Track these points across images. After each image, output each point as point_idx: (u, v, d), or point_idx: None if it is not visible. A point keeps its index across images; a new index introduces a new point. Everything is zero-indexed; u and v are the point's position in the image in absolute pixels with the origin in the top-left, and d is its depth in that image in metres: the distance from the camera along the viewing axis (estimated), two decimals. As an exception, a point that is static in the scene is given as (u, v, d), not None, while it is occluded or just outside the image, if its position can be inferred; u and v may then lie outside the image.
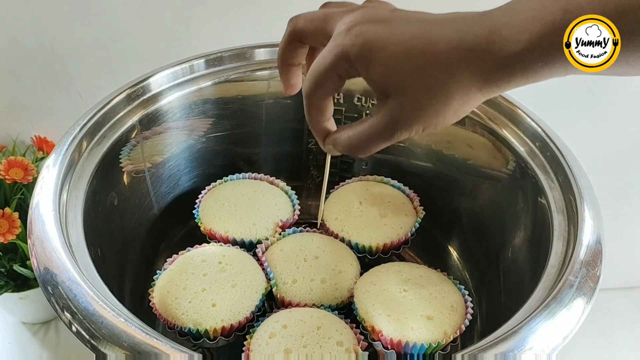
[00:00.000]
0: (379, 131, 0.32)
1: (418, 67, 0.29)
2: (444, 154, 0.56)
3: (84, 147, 0.45)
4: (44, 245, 0.36)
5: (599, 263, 0.38)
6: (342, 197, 0.55)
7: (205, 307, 0.43)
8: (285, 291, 0.46)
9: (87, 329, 0.32)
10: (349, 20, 0.31)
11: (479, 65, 0.28)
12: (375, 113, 0.32)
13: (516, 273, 0.48)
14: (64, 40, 0.64)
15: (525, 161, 0.48)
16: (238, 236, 0.50)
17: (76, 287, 0.34)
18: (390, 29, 0.30)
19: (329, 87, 0.33)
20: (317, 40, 0.35)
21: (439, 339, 0.41)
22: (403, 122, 0.31)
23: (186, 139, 0.56)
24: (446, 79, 0.29)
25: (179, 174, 0.57)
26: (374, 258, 0.51)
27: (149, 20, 0.64)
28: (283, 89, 0.39)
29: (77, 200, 0.42)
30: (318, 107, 0.34)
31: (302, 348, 0.40)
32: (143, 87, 0.50)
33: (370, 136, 0.32)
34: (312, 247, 0.49)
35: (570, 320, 0.34)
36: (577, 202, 0.42)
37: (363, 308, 0.44)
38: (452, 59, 0.28)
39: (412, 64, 0.29)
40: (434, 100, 0.30)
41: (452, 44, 0.28)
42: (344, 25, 0.31)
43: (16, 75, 0.67)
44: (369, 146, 0.33)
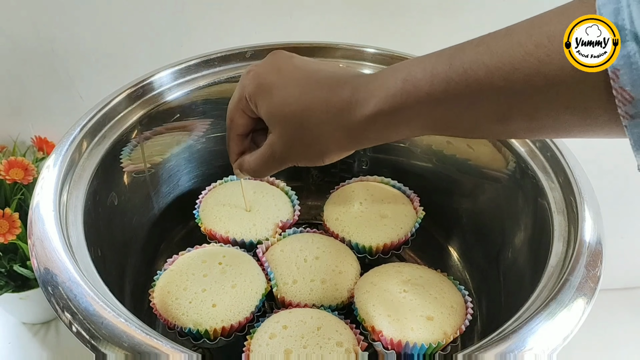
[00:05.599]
0: (265, 160, 0.38)
1: (292, 114, 0.34)
2: (444, 154, 0.56)
3: (84, 148, 0.45)
4: (44, 245, 0.36)
5: (599, 263, 0.38)
6: (342, 197, 0.55)
7: (205, 307, 0.43)
8: (285, 291, 0.46)
9: (87, 330, 0.32)
10: (253, 65, 0.37)
11: (340, 122, 0.32)
12: (264, 143, 0.37)
13: (516, 273, 0.48)
14: (64, 40, 0.64)
15: (525, 161, 0.48)
16: (238, 237, 0.50)
17: (76, 288, 0.34)
18: (279, 75, 0.35)
19: (239, 122, 0.39)
20: None
21: (439, 339, 0.41)
22: (279, 155, 0.37)
23: (186, 139, 0.56)
24: (313, 127, 0.33)
25: (179, 174, 0.57)
26: (374, 258, 0.51)
27: (149, 21, 0.64)
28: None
29: (78, 201, 0.42)
30: (235, 141, 0.40)
31: (302, 349, 0.40)
32: (143, 87, 0.50)
33: (261, 164, 0.38)
34: (313, 248, 0.49)
35: (571, 321, 0.34)
36: (577, 203, 0.42)
37: (363, 308, 0.44)
38: (318, 113, 0.33)
39: (288, 107, 0.34)
40: (303, 142, 0.35)
41: (320, 100, 0.33)
42: (248, 68, 0.37)
43: (16, 75, 0.67)
44: (263, 172, 0.39)
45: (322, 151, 0.35)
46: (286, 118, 0.34)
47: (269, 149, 0.37)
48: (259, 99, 0.35)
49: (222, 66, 0.54)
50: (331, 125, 0.33)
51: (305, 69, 0.36)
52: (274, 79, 0.35)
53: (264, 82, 0.35)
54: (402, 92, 0.30)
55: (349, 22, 0.65)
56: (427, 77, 0.29)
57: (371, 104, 0.31)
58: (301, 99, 0.34)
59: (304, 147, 0.35)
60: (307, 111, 0.33)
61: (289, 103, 0.34)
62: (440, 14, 0.65)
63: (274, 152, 0.37)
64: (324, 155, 0.35)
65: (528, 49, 0.25)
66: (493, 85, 0.26)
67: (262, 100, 0.35)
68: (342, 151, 0.35)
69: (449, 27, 0.65)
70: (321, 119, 0.33)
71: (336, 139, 0.33)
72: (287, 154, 0.36)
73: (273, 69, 0.36)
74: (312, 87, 0.34)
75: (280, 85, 0.35)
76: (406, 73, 0.30)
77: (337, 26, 0.65)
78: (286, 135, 0.35)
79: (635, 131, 0.23)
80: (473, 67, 0.27)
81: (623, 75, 0.22)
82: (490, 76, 0.26)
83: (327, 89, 0.33)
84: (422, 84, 0.29)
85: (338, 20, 0.65)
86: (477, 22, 0.64)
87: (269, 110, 0.35)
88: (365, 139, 0.33)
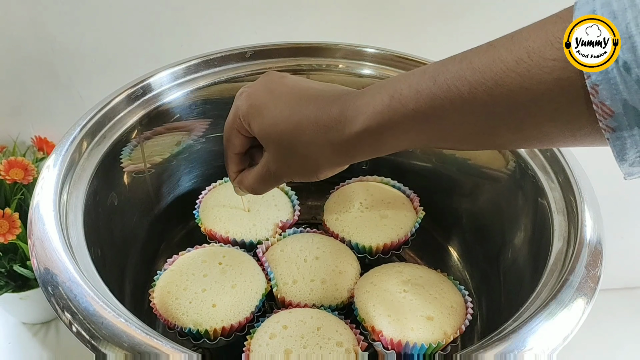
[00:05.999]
0: (262, 178, 0.39)
1: (282, 133, 0.35)
2: (444, 154, 0.56)
3: (84, 148, 0.45)
4: (44, 245, 0.36)
5: (599, 263, 0.38)
6: (342, 197, 0.55)
7: (205, 307, 0.43)
8: (285, 291, 0.46)
9: (87, 330, 0.32)
10: (246, 87, 0.38)
11: (329, 139, 0.33)
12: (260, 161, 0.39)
13: (516, 273, 0.48)
14: (64, 41, 0.64)
15: (525, 161, 0.48)
16: (238, 237, 0.50)
17: (76, 288, 0.34)
18: (270, 96, 0.36)
19: (234, 142, 0.39)
20: None
21: (439, 339, 0.41)
22: (274, 173, 0.38)
23: (186, 139, 0.56)
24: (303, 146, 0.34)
25: (179, 174, 0.57)
26: (374, 258, 0.51)
27: (149, 21, 0.64)
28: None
29: (78, 201, 0.42)
30: (232, 160, 0.41)
31: (302, 349, 0.40)
32: (143, 87, 0.50)
33: (258, 182, 0.39)
34: (312, 248, 0.49)
35: (571, 321, 0.34)
36: (578, 203, 0.42)
37: (363, 308, 0.44)
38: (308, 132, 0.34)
39: (279, 127, 0.35)
40: (295, 160, 0.36)
41: (310, 118, 0.34)
42: (242, 89, 0.38)
43: (16, 76, 0.67)
44: (262, 189, 0.40)
45: (315, 168, 0.35)
46: (278, 137, 0.35)
47: (264, 167, 0.38)
48: (251, 119, 0.36)
49: (222, 66, 0.54)
50: (321, 143, 0.33)
51: (295, 88, 0.36)
52: (265, 99, 0.36)
53: (256, 103, 0.36)
54: (389, 109, 0.30)
55: (349, 22, 0.65)
56: (413, 94, 0.29)
57: (359, 122, 0.31)
58: (291, 118, 0.34)
59: (298, 165, 0.36)
60: (297, 130, 0.34)
61: (279, 122, 0.35)
62: (440, 14, 0.65)
63: (269, 170, 0.38)
64: (318, 171, 0.36)
65: (509, 64, 0.25)
66: (476, 101, 0.27)
67: (254, 120, 0.36)
68: (334, 167, 0.36)
69: (449, 27, 0.65)
70: (311, 137, 0.34)
71: (327, 156, 0.34)
72: (282, 172, 0.37)
73: (265, 89, 0.37)
74: (302, 107, 0.34)
75: (271, 106, 0.35)
76: (392, 90, 0.30)
77: (337, 26, 0.65)
78: (279, 153, 0.36)
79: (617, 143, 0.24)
80: (456, 83, 0.27)
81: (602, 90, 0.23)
82: (473, 92, 0.27)
83: (316, 108, 0.34)
84: (407, 101, 0.29)
85: (338, 20, 0.65)
86: (476, 22, 0.64)
87: (261, 130, 0.36)
88: (356, 154, 0.34)
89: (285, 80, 0.37)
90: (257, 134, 0.36)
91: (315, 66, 0.56)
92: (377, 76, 0.56)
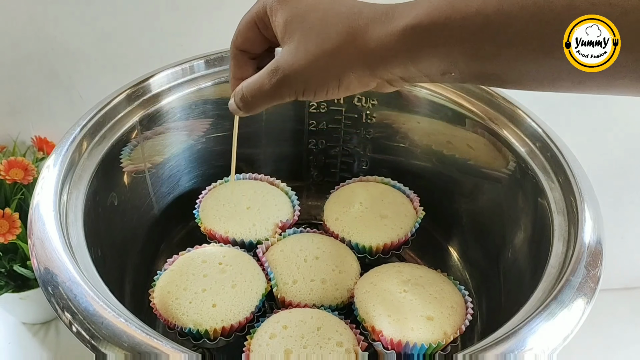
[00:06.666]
0: (264, 79, 0.32)
1: (319, 19, 0.30)
2: (444, 154, 0.56)
3: (84, 148, 0.45)
4: (44, 245, 0.36)
5: (599, 263, 0.38)
6: (342, 197, 0.55)
7: (205, 307, 0.43)
8: (285, 291, 0.46)
9: (87, 330, 0.32)
10: None
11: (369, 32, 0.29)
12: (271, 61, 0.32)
13: (516, 273, 0.48)
14: (64, 40, 0.64)
15: (525, 161, 0.48)
16: (238, 237, 0.50)
17: (76, 288, 0.34)
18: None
19: (248, 37, 0.35)
20: None
21: (439, 339, 0.41)
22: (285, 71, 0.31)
23: (186, 140, 0.56)
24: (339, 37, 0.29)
25: (179, 174, 0.57)
26: (374, 258, 0.51)
27: (149, 21, 0.64)
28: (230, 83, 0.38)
29: (78, 201, 0.42)
30: (238, 60, 0.36)
31: (302, 349, 0.40)
32: (143, 87, 0.50)
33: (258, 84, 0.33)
34: (313, 248, 0.49)
35: (571, 321, 0.34)
36: (578, 203, 0.42)
37: (363, 308, 0.44)
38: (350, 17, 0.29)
39: (315, 15, 0.30)
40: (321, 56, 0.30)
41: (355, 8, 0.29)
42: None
43: (16, 75, 0.67)
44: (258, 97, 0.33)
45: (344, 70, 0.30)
46: (310, 24, 0.30)
47: (273, 63, 0.32)
48: (281, 6, 0.31)
49: (222, 66, 0.54)
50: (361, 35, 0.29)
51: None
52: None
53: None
54: (448, 6, 0.26)
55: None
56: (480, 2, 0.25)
57: (411, 15, 0.27)
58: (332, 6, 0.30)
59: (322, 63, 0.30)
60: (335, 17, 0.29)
61: (317, 9, 0.30)
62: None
63: (278, 67, 0.31)
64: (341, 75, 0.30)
65: None
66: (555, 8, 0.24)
67: (285, 7, 0.31)
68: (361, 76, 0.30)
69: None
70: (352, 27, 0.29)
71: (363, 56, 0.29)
72: (296, 71, 0.31)
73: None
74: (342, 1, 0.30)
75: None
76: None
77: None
78: (303, 43, 0.30)
79: None
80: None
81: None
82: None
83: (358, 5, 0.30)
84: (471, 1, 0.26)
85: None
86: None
87: (290, 15, 0.31)
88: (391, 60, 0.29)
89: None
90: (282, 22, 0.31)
91: (315, 66, 0.56)
92: (377, 76, 0.56)
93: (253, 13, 0.34)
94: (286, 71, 0.31)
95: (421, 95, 0.54)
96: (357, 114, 0.57)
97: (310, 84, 0.31)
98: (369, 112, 0.57)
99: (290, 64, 0.31)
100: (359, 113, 0.57)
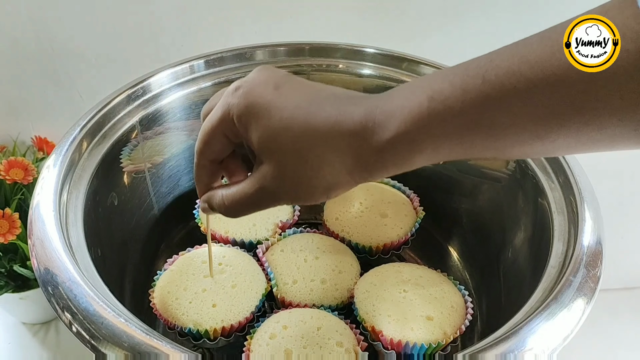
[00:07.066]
0: (249, 197, 0.31)
1: (294, 137, 0.29)
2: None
3: (84, 148, 0.45)
4: (44, 245, 0.36)
5: (599, 263, 0.38)
6: (342, 197, 0.55)
7: (205, 307, 0.43)
8: (285, 292, 0.46)
9: (87, 330, 0.32)
10: (241, 80, 0.31)
11: (352, 150, 0.28)
12: (249, 177, 0.32)
13: (516, 273, 0.48)
14: (64, 40, 0.64)
15: (525, 161, 0.48)
16: (238, 237, 0.50)
17: (76, 288, 0.34)
18: (277, 94, 0.29)
19: (216, 147, 0.33)
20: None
21: (439, 339, 0.41)
22: (271, 192, 0.31)
23: (186, 139, 0.56)
24: (319, 154, 0.29)
25: (179, 174, 0.57)
26: (374, 258, 0.51)
27: (149, 21, 0.64)
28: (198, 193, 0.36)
29: (78, 201, 0.42)
30: (206, 169, 0.34)
31: (302, 349, 0.40)
32: (143, 87, 0.50)
33: (243, 201, 0.32)
34: (312, 248, 0.49)
35: (571, 321, 0.34)
36: (578, 203, 0.42)
37: (363, 308, 0.44)
38: (327, 137, 0.28)
39: (289, 132, 0.29)
40: (304, 175, 0.29)
41: (330, 120, 0.28)
42: (234, 85, 0.31)
43: (16, 75, 0.67)
44: (244, 211, 0.32)
45: (329, 185, 0.29)
46: (287, 146, 0.29)
47: (257, 183, 0.31)
48: (252, 121, 0.29)
49: (222, 66, 0.54)
50: (342, 153, 0.28)
51: (305, 86, 0.31)
52: (270, 97, 0.29)
53: (259, 102, 0.29)
54: (430, 112, 0.26)
55: (349, 22, 0.65)
56: (458, 93, 0.26)
57: (392, 127, 0.27)
58: (306, 122, 0.28)
59: (306, 182, 0.29)
60: (313, 137, 0.28)
61: (290, 127, 0.29)
62: (441, 14, 0.65)
63: (263, 188, 0.31)
64: (331, 189, 0.30)
65: None
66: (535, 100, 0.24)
67: (256, 122, 0.29)
68: (352, 183, 0.30)
69: (449, 27, 0.65)
70: (331, 146, 0.28)
71: (346, 170, 0.29)
72: (282, 190, 0.30)
73: (268, 85, 0.30)
74: (318, 109, 0.29)
75: (280, 106, 0.29)
76: (431, 90, 0.27)
77: (337, 26, 0.65)
78: (284, 166, 0.29)
79: None
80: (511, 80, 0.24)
81: None
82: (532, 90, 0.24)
83: (336, 110, 0.28)
84: (452, 102, 0.26)
85: (338, 20, 0.65)
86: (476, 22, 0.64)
87: (264, 135, 0.29)
88: (382, 167, 0.29)
89: (292, 78, 0.31)
90: (257, 140, 0.30)
91: (315, 66, 0.56)
92: (377, 76, 0.56)
93: (218, 122, 0.31)
94: (270, 193, 0.31)
95: (421, 95, 0.54)
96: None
97: (298, 199, 0.31)
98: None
99: (275, 187, 0.30)
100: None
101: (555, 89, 0.23)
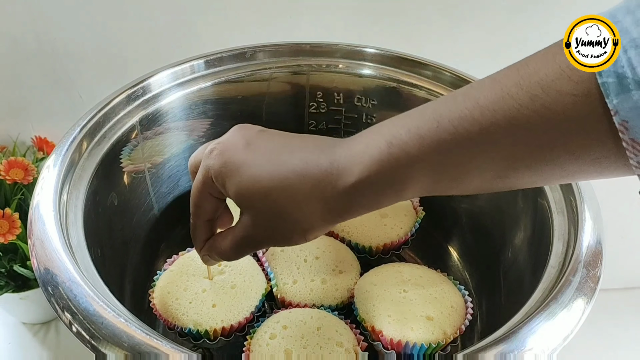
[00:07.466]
0: (239, 245, 0.34)
1: (265, 191, 0.30)
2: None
3: (84, 148, 0.45)
4: (44, 245, 0.36)
5: (599, 263, 0.38)
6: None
7: (205, 307, 0.43)
8: (285, 292, 0.46)
9: (87, 330, 0.32)
10: (216, 142, 0.33)
11: (320, 195, 0.29)
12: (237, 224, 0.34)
13: (516, 273, 0.48)
14: (64, 41, 0.64)
15: (525, 161, 0.47)
16: (238, 236, 0.50)
17: (76, 288, 0.34)
18: (248, 151, 0.32)
19: (207, 207, 0.35)
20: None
21: (439, 339, 0.41)
22: (255, 240, 0.33)
23: (186, 140, 0.56)
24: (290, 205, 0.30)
25: (179, 174, 0.57)
26: (374, 258, 0.51)
27: (149, 21, 0.64)
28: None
29: (78, 201, 0.42)
30: (201, 228, 0.36)
31: (302, 349, 0.40)
32: (143, 87, 0.50)
33: (234, 249, 0.34)
34: (312, 248, 0.49)
35: (571, 321, 0.34)
36: (577, 203, 0.42)
37: (363, 308, 0.44)
38: (294, 186, 0.30)
39: (258, 186, 0.30)
40: (278, 223, 0.31)
41: (297, 170, 0.30)
42: (209, 146, 0.33)
43: (16, 76, 0.67)
44: (239, 256, 0.35)
45: (303, 230, 0.31)
46: (259, 198, 0.31)
47: (242, 232, 0.33)
48: (226, 179, 0.32)
49: (222, 66, 0.54)
50: (311, 200, 0.30)
51: (274, 139, 0.32)
52: (242, 155, 0.31)
53: (231, 160, 0.31)
54: (389, 157, 0.27)
55: (349, 22, 0.65)
56: (415, 139, 0.26)
57: (355, 172, 0.28)
58: (274, 173, 0.30)
59: (283, 228, 0.31)
60: (282, 187, 0.30)
61: (260, 180, 0.30)
62: (441, 14, 0.64)
63: (248, 236, 0.33)
64: (307, 233, 0.32)
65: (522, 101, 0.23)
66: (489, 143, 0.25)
67: (230, 180, 0.31)
68: (326, 226, 0.32)
69: (450, 28, 0.65)
70: (299, 194, 0.30)
71: (318, 215, 0.30)
72: (264, 238, 0.33)
73: (240, 143, 0.32)
74: (286, 160, 0.30)
75: (250, 162, 0.31)
76: (390, 136, 0.27)
77: (337, 26, 0.65)
78: (260, 217, 0.32)
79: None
80: (464, 124, 0.25)
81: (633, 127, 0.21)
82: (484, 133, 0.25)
83: (303, 160, 0.30)
84: (409, 147, 0.27)
85: (338, 20, 0.65)
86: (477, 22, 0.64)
87: (239, 190, 0.31)
88: (352, 209, 0.30)
89: (263, 134, 0.33)
90: (234, 195, 0.32)
91: (315, 66, 0.56)
92: (377, 76, 0.56)
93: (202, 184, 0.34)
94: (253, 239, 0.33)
95: (420, 95, 0.54)
96: (357, 114, 0.57)
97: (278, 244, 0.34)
98: (369, 112, 0.57)
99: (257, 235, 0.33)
100: (359, 113, 0.57)
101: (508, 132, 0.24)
